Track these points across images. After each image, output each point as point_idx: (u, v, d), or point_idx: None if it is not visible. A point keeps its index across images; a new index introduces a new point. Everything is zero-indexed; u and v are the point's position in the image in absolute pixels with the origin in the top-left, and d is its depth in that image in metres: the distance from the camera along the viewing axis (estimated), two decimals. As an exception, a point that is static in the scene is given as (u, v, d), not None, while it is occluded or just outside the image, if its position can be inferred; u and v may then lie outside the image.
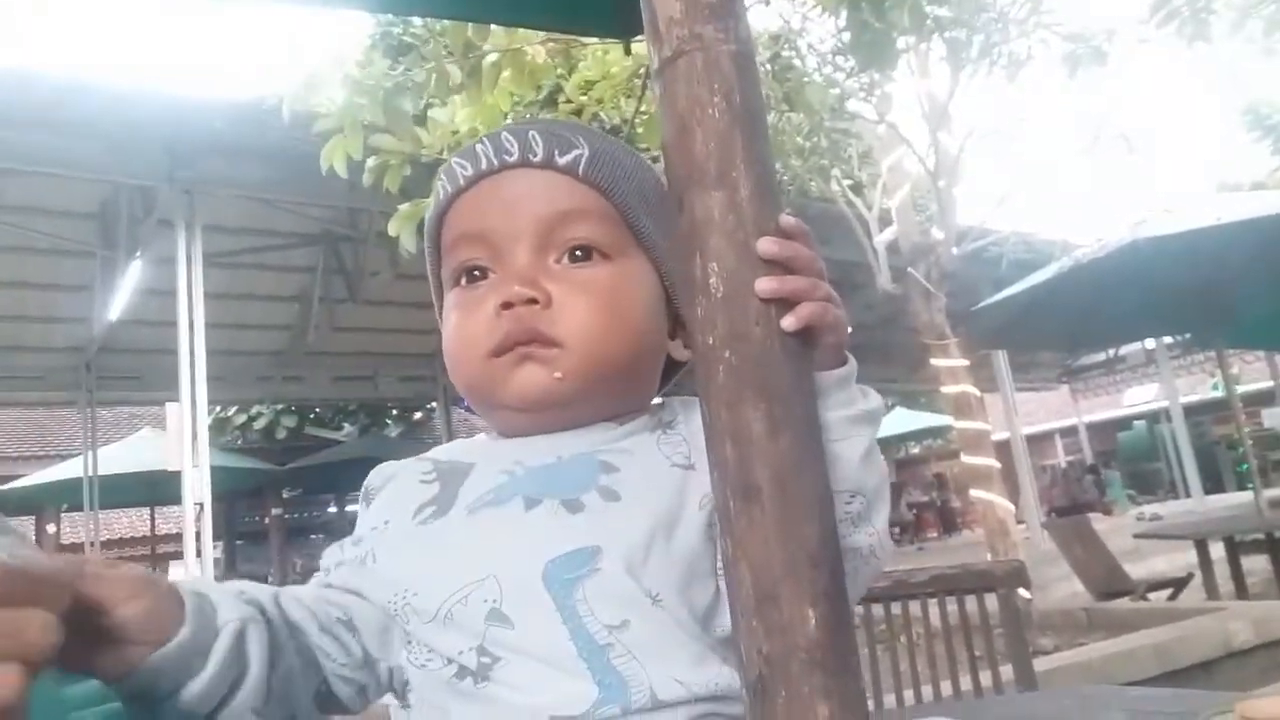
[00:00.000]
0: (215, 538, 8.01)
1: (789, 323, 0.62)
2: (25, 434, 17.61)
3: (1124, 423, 24.13)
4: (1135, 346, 13.85)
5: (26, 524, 16.69)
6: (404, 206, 3.58)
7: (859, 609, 2.33)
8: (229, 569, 14.79)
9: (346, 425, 18.22)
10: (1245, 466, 11.23)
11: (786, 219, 0.65)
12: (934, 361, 6.57)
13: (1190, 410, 16.26)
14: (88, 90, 5.55)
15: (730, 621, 0.66)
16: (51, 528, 15.37)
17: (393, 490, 0.77)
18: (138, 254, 7.11)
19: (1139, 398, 22.41)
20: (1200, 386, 19.52)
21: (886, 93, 6.20)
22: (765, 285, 0.62)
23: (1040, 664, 3.71)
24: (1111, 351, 15.05)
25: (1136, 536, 7.06)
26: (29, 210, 6.90)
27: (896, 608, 2.32)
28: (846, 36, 4.50)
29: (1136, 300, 5.96)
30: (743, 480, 0.60)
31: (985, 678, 2.19)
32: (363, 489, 0.79)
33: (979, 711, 1.81)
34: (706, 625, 0.67)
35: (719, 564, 0.68)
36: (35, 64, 5.49)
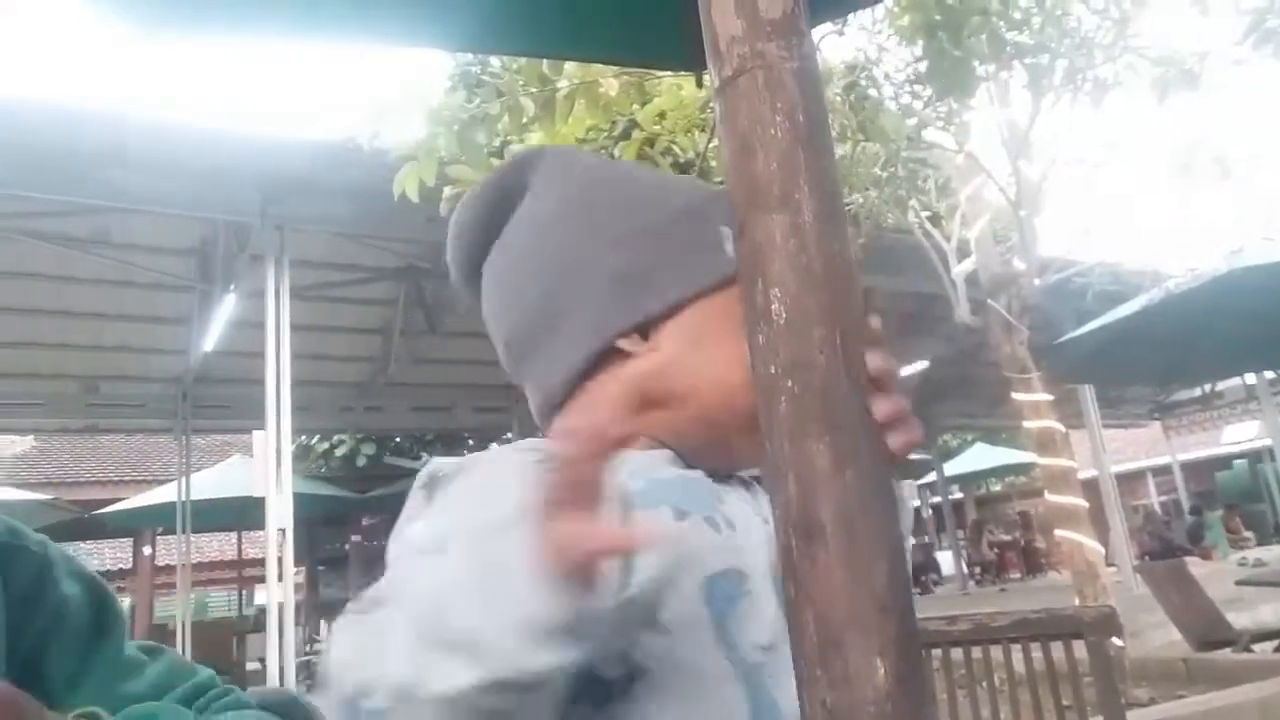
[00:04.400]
0: (297, 562, 8.20)
1: (899, 445, 0.60)
2: (125, 459, 18.46)
3: (1223, 462, 22.96)
4: (1234, 382, 13.18)
5: (124, 545, 17.46)
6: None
7: (937, 652, 2.24)
8: (311, 593, 15.13)
9: (424, 455, 18.53)
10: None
11: (875, 360, 0.60)
12: (1016, 396, 6.36)
13: (1296, 449, 15.32)
14: (188, 132, 5.81)
15: None
16: (147, 549, 15.97)
17: None
18: (232, 288, 7.39)
19: (1239, 435, 21.34)
20: (1308, 424, 18.43)
21: (965, 121, 6.07)
22: (885, 407, 0.58)
23: (1134, 716, 3.53)
24: (1208, 387, 14.37)
25: (1239, 583, 6.68)
26: (133, 247, 7.27)
27: (977, 651, 2.23)
28: (923, 65, 4.43)
29: (1234, 333, 5.70)
30: (805, 518, 0.56)
31: (1075, 730, 2.08)
32: None
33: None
34: None
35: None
36: (140, 108, 5.79)
